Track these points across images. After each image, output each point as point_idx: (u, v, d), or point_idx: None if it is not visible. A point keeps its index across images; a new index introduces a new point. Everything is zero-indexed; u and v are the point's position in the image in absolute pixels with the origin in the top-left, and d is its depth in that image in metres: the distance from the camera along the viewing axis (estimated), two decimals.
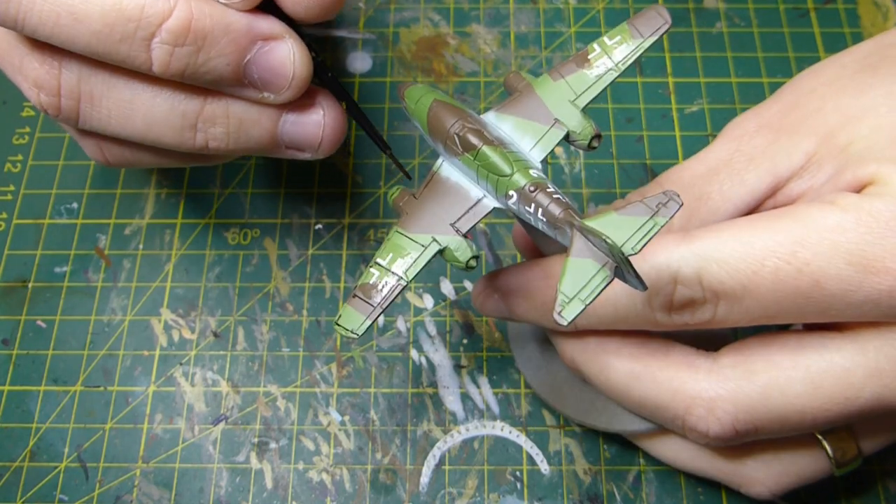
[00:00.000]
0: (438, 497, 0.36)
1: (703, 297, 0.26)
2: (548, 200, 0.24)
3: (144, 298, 0.40)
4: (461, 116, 0.26)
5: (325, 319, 0.40)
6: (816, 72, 0.30)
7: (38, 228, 0.42)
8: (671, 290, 0.26)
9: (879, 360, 0.25)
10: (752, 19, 0.46)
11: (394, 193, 0.27)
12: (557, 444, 0.37)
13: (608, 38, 0.27)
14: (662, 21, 0.27)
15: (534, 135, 0.26)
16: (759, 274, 0.25)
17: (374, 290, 0.26)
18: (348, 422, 0.37)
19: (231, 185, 0.43)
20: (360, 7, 0.48)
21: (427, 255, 0.26)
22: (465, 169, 0.26)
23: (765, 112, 0.30)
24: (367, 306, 0.26)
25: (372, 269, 0.26)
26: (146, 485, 0.37)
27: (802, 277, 0.24)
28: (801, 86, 0.30)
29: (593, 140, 0.26)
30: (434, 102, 0.27)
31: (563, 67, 0.27)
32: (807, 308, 0.25)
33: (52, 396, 0.38)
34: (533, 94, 0.27)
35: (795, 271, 0.24)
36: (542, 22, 0.47)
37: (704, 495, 0.36)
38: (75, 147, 0.44)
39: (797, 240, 0.25)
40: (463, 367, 0.38)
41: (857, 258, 0.24)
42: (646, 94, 0.44)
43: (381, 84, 0.45)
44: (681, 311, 0.26)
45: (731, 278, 0.25)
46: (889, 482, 0.36)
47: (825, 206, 0.25)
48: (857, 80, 0.28)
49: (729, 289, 0.25)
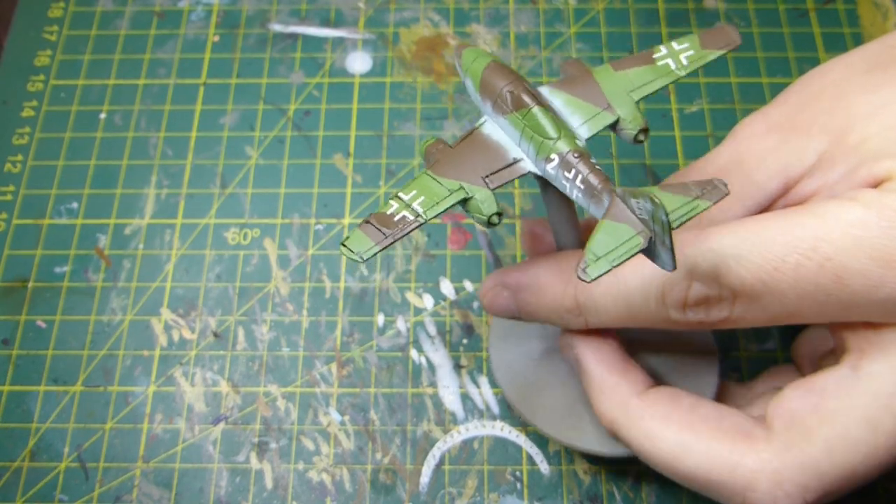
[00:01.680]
0: (438, 497, 0.36)
1: (719, 294, 0.25)
2: (588, 169, 0.24)
3: (144, 298, 0.40)
4: (517, 78, 0.26)
5: (325, 319, 0.40)
6: (824, 72, 0.30)
7: (38, 228, 0.42)
8: (686, 287, 0.25)
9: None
10: (752, 19, 0.46)
11: (428, 141, 0.27)
12: (557, 444, 0.37)
13: (676, 43, 0.28)
14: (731, 40, 0.28)
15: (584, 114, 0.26)
16: (779, 270, 0.24)
17: (390, 221, 0.25)
18: (348, 422, 0.37)
19: (231, 185, 0.43)
20: (360, 7, 0.48)
21: (452, 199, 0.25)
22: (509, 129, 0.26)
23: (773, 113, 0.30)
24: (378, 234, 0.25)
25: (392, 200, 0.25)
26: (146, 485, 0.37)
27: (824, 273, 0.24)
28: (809, 86, 0.30)
29: (640, 133, 0.26)
30: (492, 62, 0.27)
31: (626, 61, 0.28)
32: (828, 306, 0.24)
33: (52, 396, 0.38)
34: (591, 78, 0.27)
35: (817, 267, 0.24)
36: (541, 22, 0.47)
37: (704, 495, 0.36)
38: (75, 147, 0.44)
39: (819, 235, 0.24)
40: (463, 367, 0.38)
41: (880, 253, 0.23)
42: None
43: (381, 84, 0.45)
44: (695, 308, 0.26)
45: (751, 275, 0.24)
46: (889, 482, 0.36)
47: (845, 202, 0.24)
48: (867, 79, 0.28)
49: (748, 286, 0.24)
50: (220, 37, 0.47)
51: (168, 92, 0.46)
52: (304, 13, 0.48)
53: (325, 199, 0.42)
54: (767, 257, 0.24)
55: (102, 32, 0.48)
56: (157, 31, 0.48)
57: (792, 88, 0.30)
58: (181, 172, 0.43)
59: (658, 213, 0.20)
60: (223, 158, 0.44)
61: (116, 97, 0.46)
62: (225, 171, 0.43)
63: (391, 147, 0.43)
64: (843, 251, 0.24)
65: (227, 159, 0.44)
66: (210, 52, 0.47)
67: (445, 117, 0.44)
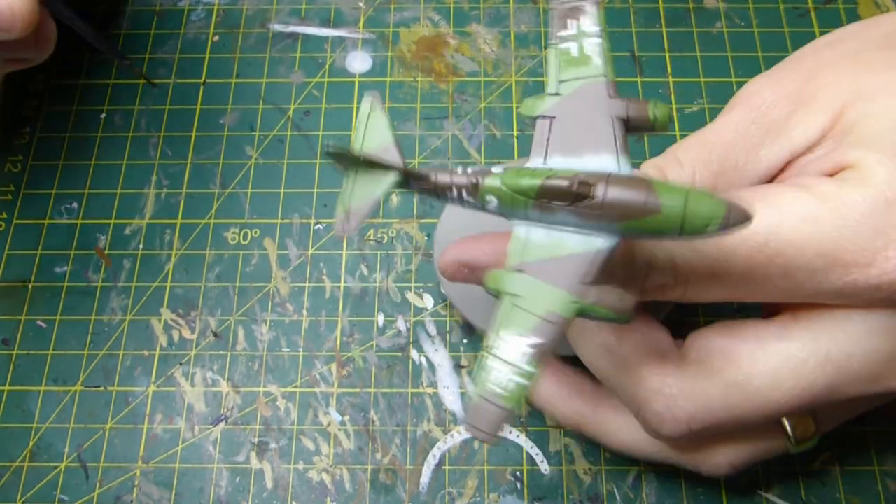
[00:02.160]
0: (438, 497, 0.36)
1: (674, 281, 0.26)
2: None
3: (144, 298, 0.40)
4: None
5: (325, 319, 0.40)
6: (837, 42, 0.29)
7: (38, 228, 0.42)
8: (644, 275, 0.26)
9: (831, 348, 0.26)
10: (752, 19, 0.46)
11: None
12: (557, 444, 0.37)
13: None
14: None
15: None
16: (730, 262, 0.25)
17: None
18: (348, 422, 0.37)
19: (231, 185, 0.43)
20: (360, 7, 0.48)
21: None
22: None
23: (783, 80, 0.29)
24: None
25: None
26: (146, 485, 0.37)
27: (773, 267, 0.25)
28: (822, 53, 0.29)
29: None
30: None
31: None
32: (773, 294, 0.26)
33: (52, 396, 0.38)
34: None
35: (766, 260, 0.25)
36: (542, 22, 0.47)
37: (704, 495, 0.36)
38: (75, 147, 0.44)
39: (771, 230, 0.24)
40: (463, 367, 0.38)
41: (827, 250, 0.24)
42: (646, 94, 0.44)
43: (381, 84, 0.45)
44: (653, 293, 0.27)
45: (703, 266, 0.25)
46: (889, 482, 0.36)
47: (801, 193, 0.25)
48: (880, 57, 0.28)
49: (701, 276, 0.25)
50: (219, 36, 0.47)
51: (168, 92, 0.46)
52: (304, 13, 0.48)
53: (325, 199, 0.42)
54: (722, 250, 0.25)
55: (103, 32, 0.48)
56: (157, 30, 0.48)
57: (804, 54, 0.30)
58: (181, 172, 0.43)
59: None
60: (223, 158, 0.44)
61: (116, 97, 0.46)
62: (225, 170, 0.43)
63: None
64: (793, 247, 0.24)
65: (227, 159, 0.44)
66: (210, 52, 0.47)
67: (445, 117, 0.44)
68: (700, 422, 0.27)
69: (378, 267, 0.41)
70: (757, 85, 0.30)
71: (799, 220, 0.24)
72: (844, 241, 0.24)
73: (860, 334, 0.25)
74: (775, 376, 0.26)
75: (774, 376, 0.26)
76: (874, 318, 0.25)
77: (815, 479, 0.36)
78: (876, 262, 0.24)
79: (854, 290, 0.24)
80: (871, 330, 0.25)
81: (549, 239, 0.23)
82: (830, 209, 0.24)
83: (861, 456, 0.36)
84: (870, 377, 0.26)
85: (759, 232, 0.25)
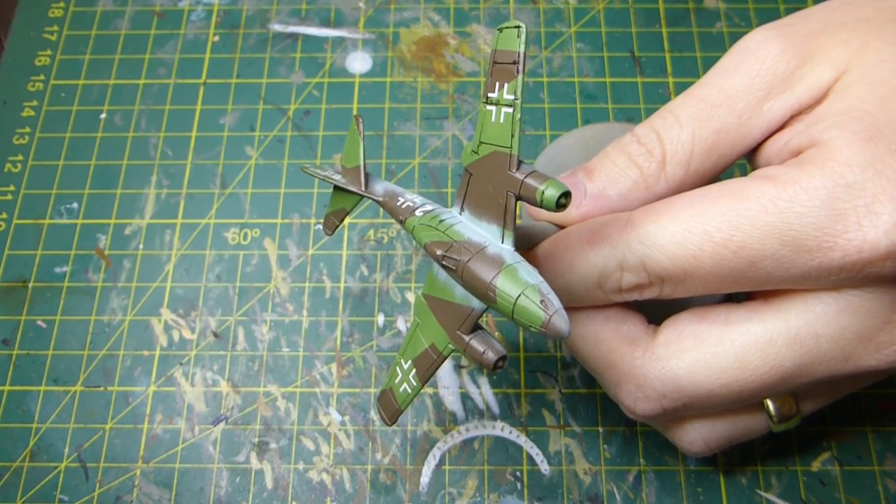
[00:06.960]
0: (438, 497, 0.36)
1: (648, 281, 0.27)
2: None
3: (144, 298, 0.40)
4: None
5: (325, 319, 0.40)
6: (849, 6, 0.29)
7: (38, 228, 0.42)
8: (619, 277, 0.27)
9: (800, 328, 0.26)
10: (752, 19, 0.46)
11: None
12: (557, 444, 0.37)
13: None
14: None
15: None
16: (698, 258, 0.26)
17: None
18: (348, 422, 0.37)
19: (231, 185, 0.43)
20: (360, 7, 0.48)
21: None
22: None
23: (791, 34, 0.29)
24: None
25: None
26: (146, 485, 0.37)
27: (739, 259, 0.25)
28: (833, 15, 0.29)
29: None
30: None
31: None
32: (744, 283, 0.26)
33: (52, 396, 0.38)
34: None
35: (732, 254, 0.25)
36: (542, 22, 0.47)
37: (704, 495, 0.36)
38: (75, 147, 0.44)
39: (734, 223, 0.25)
40: (463, 367, 0.38)
41: (790, 238, 0.25)
42: (646, 94, 0.44)
43: (381, 84, 0.45)
44: (630, 292, 0.28)
45: (673, 264, 0.26)
46: (889, 482, 0.36)
47: (764, 184, 0.25)
48: (890, 28, 0.27)
49: (672, 273, 0.26)
50: (220, 37, 0.47)
51: (168, 92, 0.46)
52: (304, 13, 0.48)
53: (325, 199, 0.42)
54: (687, 247, 0.26)
55: (102, 32, 0.48)
56: (157, 31, 0.48)
57: (816, 9, 0.29)
58: (181, 172, 0.43)
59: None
60: (223, 158, 0.44)
61: (116, 97, 0.46)
62: (225, 171, 0.43)
63: (391, 147, 0.43)
64: (756, 238, 0.25)
65: (227, 159, 0.44)
66: (210, 52, 0.47)
67: (445, 117, 0.44)
68: (671, 400, 0.27)
69: (378, 267, 0.41)
70: (762, 35, 0.29)
71: (761, 211, 0.25)
72: (806, 227, 0.24)
73: (829, 314, 0.26)
74: (743, 355, 0.27)
75: (742, 355, 0.27)
76: (844, 298, 0.26)
77: (815, 479, 0.36)
78: (838, 245, 0.24)
79: (820, 273, 0.25)
80: (840, 310, 0.26)
81: (447, 283, 0.26)
82: (791, 197, 0.25)
83: (861, 456, 0.36)
84: (840, 356, 0.26)
85: (723, 227, 0.25)
